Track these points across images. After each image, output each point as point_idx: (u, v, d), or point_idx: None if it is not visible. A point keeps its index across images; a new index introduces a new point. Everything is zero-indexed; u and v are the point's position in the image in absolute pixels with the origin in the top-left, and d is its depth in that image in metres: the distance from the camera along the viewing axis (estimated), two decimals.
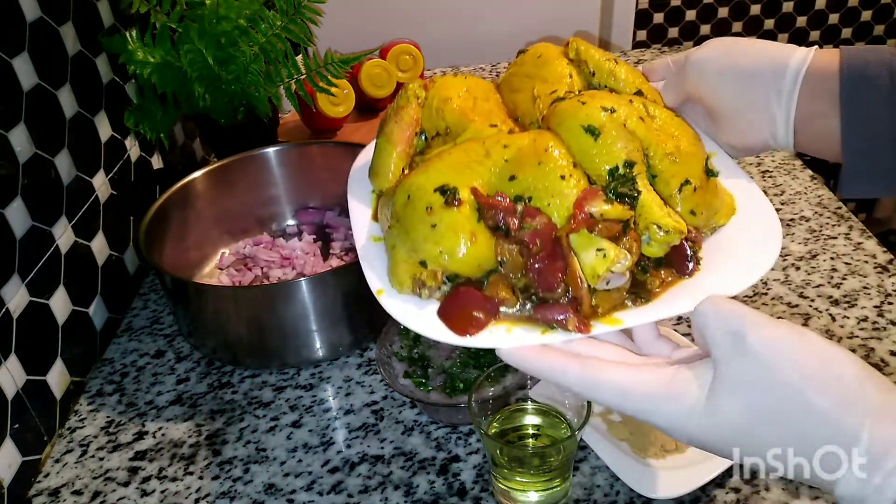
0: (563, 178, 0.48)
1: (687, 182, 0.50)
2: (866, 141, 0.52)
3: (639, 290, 0.48)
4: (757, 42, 0.59)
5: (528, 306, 0.47)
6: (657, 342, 0.45)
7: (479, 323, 0.45)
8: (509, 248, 0.47)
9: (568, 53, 0.59)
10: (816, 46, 0.55)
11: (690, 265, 0.48)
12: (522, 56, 0.61)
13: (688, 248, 0.49)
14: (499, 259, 0.47)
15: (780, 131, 0.56)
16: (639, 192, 0.48)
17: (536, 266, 0.46)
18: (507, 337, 0.45)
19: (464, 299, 0.47)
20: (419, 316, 0.47)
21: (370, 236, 0.54)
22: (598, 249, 0.45)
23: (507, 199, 0.48)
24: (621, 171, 0.49)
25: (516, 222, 0.47)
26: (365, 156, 0.61)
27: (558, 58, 0.59)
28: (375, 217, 0.55)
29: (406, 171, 0.55)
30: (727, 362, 0.39)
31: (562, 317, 0.45)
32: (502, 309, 0.46)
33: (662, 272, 0.48)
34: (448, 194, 0.48)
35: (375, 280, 0.49)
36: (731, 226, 0.52)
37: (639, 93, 0.57)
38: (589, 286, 0.45)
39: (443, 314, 0.46)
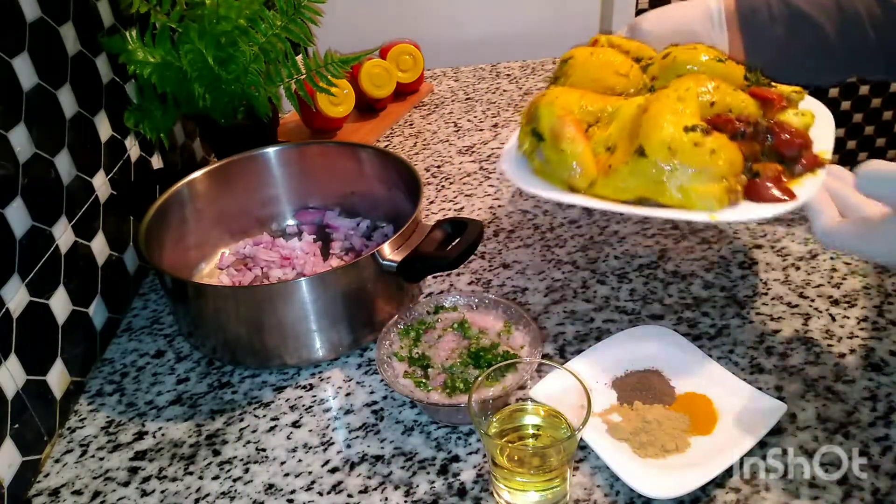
0: (735, 91, 0.69)
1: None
2: (762, 54, 0.80)
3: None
4: (678, 6, 0.84)
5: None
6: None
7: (787, 189, 0.63)
8: (748, 144, 0.65)
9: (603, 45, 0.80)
10: None
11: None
12: (572, 64, 0.77)
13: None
14: (745, 155, 0.64)
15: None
16: (769, 77, 0.74)
17: (785, 139, 0.66)
18: (813, 182, 0.63)
19: (765, 183, 0.63)
20: (754, 209, 0.62)
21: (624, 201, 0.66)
22: (795, 114, 0.70)
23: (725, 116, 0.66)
24: (748, 74, 0.73)
25: (749, 126, 0.65)
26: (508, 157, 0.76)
27: (605, 48, 0.78)
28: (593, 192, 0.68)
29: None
30: None
31: (807, 160, 0.65)
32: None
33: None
34: (698, 129, 0.63)
35: (701, 216, 0.62)
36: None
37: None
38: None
39: (761, 197, 0.62)
